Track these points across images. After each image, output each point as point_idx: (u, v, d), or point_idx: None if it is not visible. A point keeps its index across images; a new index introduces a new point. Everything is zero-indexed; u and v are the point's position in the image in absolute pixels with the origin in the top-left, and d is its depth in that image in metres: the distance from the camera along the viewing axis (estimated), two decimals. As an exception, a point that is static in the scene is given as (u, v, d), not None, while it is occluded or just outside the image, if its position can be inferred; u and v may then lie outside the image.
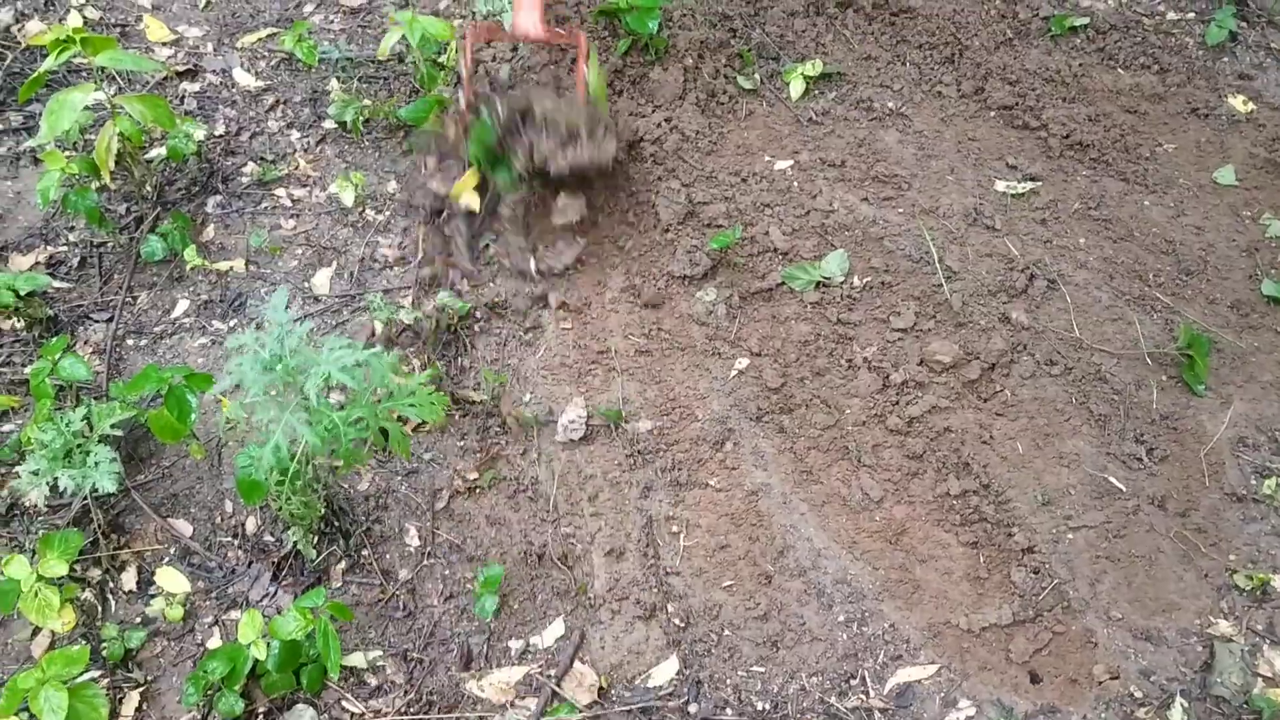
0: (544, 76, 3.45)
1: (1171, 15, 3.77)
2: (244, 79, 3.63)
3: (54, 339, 2.76)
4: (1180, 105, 3.54)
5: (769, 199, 3.28)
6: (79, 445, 2.50)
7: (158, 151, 3.28)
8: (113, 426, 2.56)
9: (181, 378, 2.53)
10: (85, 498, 2.66)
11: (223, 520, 2.71)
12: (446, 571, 2.64)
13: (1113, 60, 3.64)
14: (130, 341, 3.04)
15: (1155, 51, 3.65)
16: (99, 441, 2.53)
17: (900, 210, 3.27)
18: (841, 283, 3.11)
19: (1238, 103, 3.53)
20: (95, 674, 2.45)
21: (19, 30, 3.69)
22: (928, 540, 2.69)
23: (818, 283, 3.11)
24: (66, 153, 3.18)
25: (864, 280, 3.13)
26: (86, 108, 2.93)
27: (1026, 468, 2.80)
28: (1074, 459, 2.81)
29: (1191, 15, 3.77)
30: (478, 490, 2.76)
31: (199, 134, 3.30)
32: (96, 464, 2.47)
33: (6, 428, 2.85)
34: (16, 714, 2.32)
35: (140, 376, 2.55)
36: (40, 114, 3.43)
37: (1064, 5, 3.76)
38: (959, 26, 3.67)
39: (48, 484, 2.43)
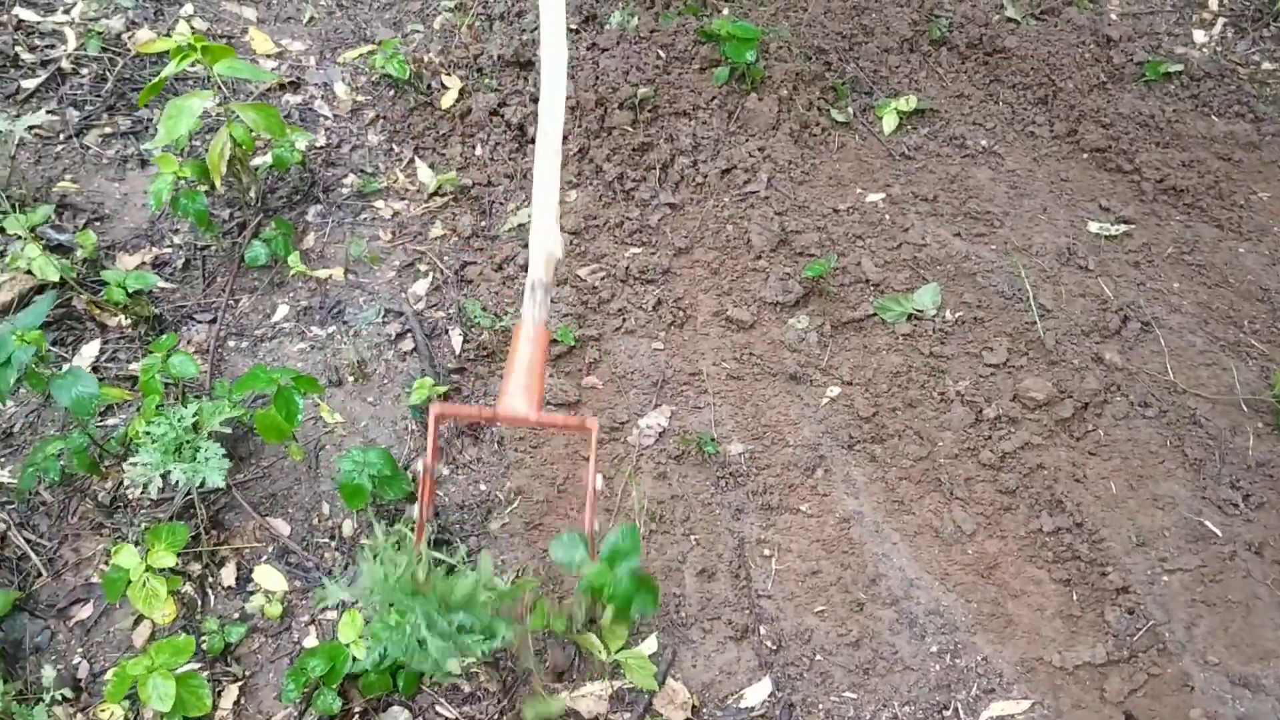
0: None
1: (1267, 65, 3.78)
2: (344, 92, 3.71)
3: (163, 336, 2.82)
4: (1275, 154, 3.53)
5: (861, 230, 3.31)
6: (188, 441, 2.55)
7: (262, 160, 3.35)
8: (221, 424, 2.61)
9: (290, 379, 2.58)
10: (189, 493, 2.71)
11: (320, 522, 2.75)
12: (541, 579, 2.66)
13: (1207, 107, 3.65)
14: (231, 343, 3.10)
15: (1249, 100, 3.65)
16: (207, 438, 2.59)
17: (993, 247, 3.28)
18: (934, 316, 3.13)
19: (1333, 151, 3.54)
20: (194, 666, 2.48)
21: (129, 38, 3.80)
22: (1020, 575, 2.68)
23: (910, 315, 3.12)
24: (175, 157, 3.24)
25: (956, 314, 3.14)
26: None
27: (1120, 508, 2.79)
28: (1168, 501, 2.80)
29: (1286, 66, 3.79)
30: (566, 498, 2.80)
31: (303, 143, 3.38)
32: (206, 459, 2.52)
33: (110, 421, 2.92)
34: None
35: (249, 376, 2.60)
36: (148, 119, 3.55)
37: (1158, 52, 3.77)
38: (1053, 68, 3.69)
39: (160, 476, 2.48)
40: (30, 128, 3.19)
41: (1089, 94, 3.65)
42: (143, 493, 2.70)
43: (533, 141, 3.14)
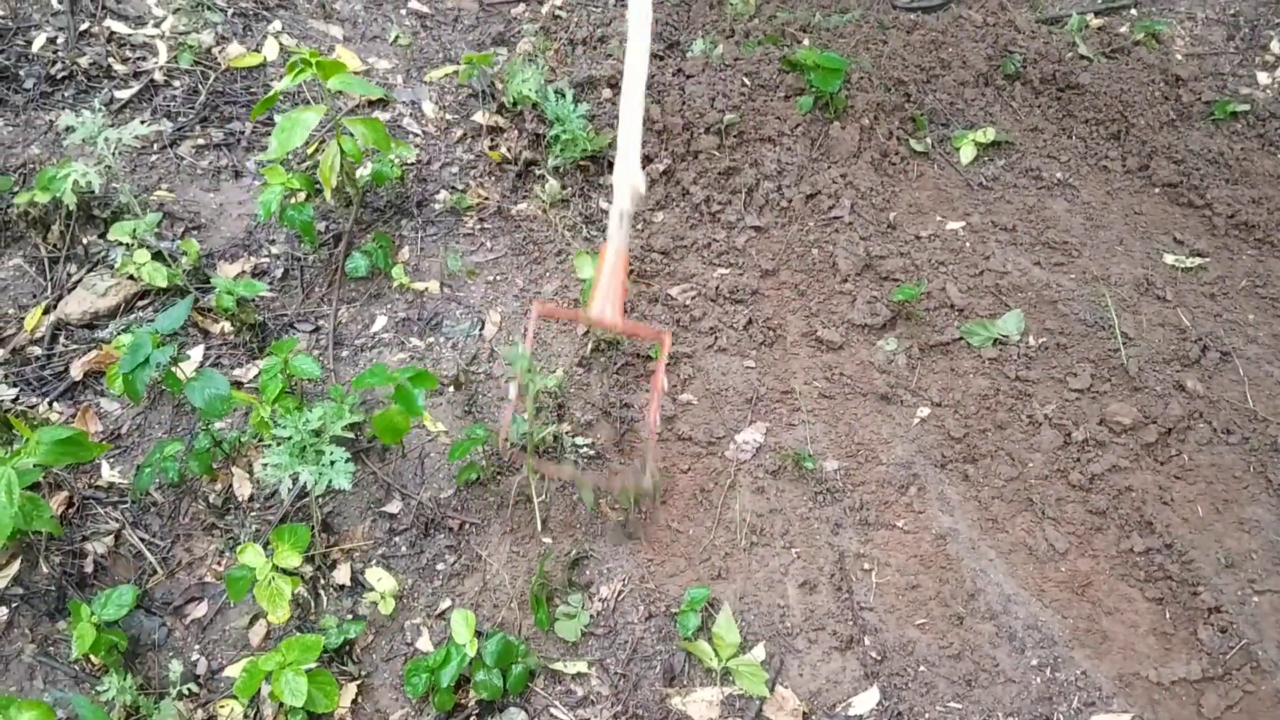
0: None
1: (1329, 106, 3.89)
2: (432, 111, 3.79)
3: (283, 339, 2.88)
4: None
5: (943, 257, 3.39)
6: (312, 444, 2.62)
7: (361, 173, 3.43)
8: (344, 429, 2.68)
9: (408, 377, 2.64)
10: (302, 495, 2.77)
11: (427, 520, 2.81)
12: (646, 588, 2.72)
13: (1273, 146, 3.75)
14: (333, 352, 3.17)
15: (1313, 140, 3.76)
16: (330, 442, 2.65)
17: (1072, 276, 3.37)
18: (1018, 341, 3.21)
19: (1395, 194, 3.63)
20: (312, 665, 2.53)
21: (219, 52, 3.88)
22: (1113, 594, 2.75)
23: (995, 340, 3.20)
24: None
25: (1039, 340, 3.22)
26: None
27: (1208, 530, 2.86)
28: (1254, 525, 2.87)
29: (1348, 107, 3.89)
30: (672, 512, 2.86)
31: (408, 158, 3.46)
32: (332, 462, 2.58)
33: (217, 426, 2.97)
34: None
35: (370, 373, 2.67)
36: (240, 132, 3.63)
37: (1224, 91, 3.88)
38: (1124, 105, 3.79)
39: (290, 478, 2.54)
40: (136, 136, 3.26)
41: (1160, 131, 3.75)
42: (268, 499, 2.76)
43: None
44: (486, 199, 3.51)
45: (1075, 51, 3.96)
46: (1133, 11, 4.18)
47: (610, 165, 3.35)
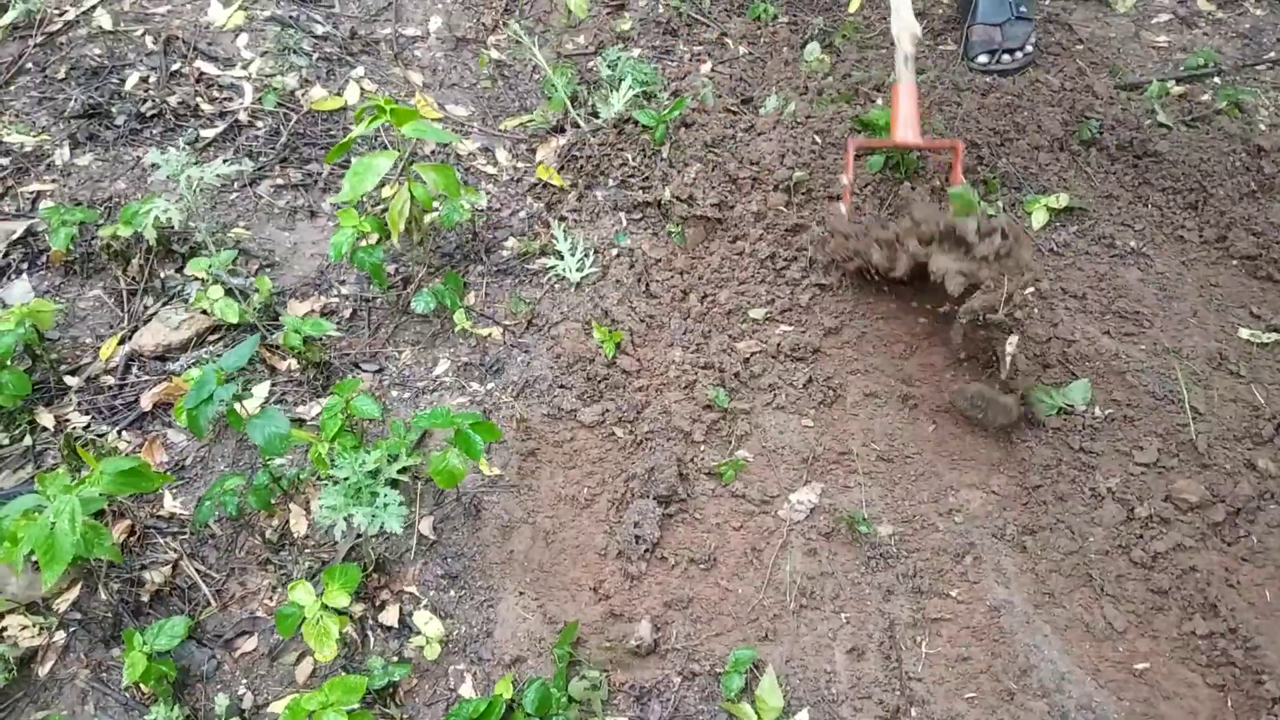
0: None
1: None
2: (505, 158, 3.85)
3: (346, 379, 2.93)
4: None
5: (1010, 323, 3.34)
6: (367, 485, 2.65)
7: (430, 218, 3.48)
8: (400, 472, 2.71)
9: (470, 423, 2.67)
10: (358, 535, 2.81)
11: (477, 565, 2.83)
12: (685, 643, 2.70)
13: (1357, 223, 3.65)
14: (394, 393, 3.21)
15: (1402, 217, 3.65)
16: (385, 484, 2.68)
17: (1142, 347, 3.31)
18: (1084, 411, 3.15)
19: None
20: (355, 706, 2.54)
21: (302, 94, 3.98)
22: (1172, 677, 2.67)
23: (1060, 409, 3.15)
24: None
25: (1105, 412, 3.16)
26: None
27: (1275, 616, 2.77)
28: (1326, 615, 2.78)
29: None
30: (718, 569, 2.84)
31: (471, 203, 3.51)
32: (386, 505, 2.61)
33: (276, 462, 3.02)
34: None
35: (432, 414, 2.70)
36: (318, 173, 3.72)
37: (1308, 164, 3.80)
38: (1203, 175, 3.72)
39: (344, 519, 2.58)
40: (217, 175, 3.35)
41: (1239, 201, 3.68)
42: (322, 537, 2.80)
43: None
44: (552, 245, 3.54)
45: (1154, 119, 3.91)
46: (1216, 80, 4.11)
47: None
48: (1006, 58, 4.17)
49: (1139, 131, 3.83)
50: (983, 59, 4.20)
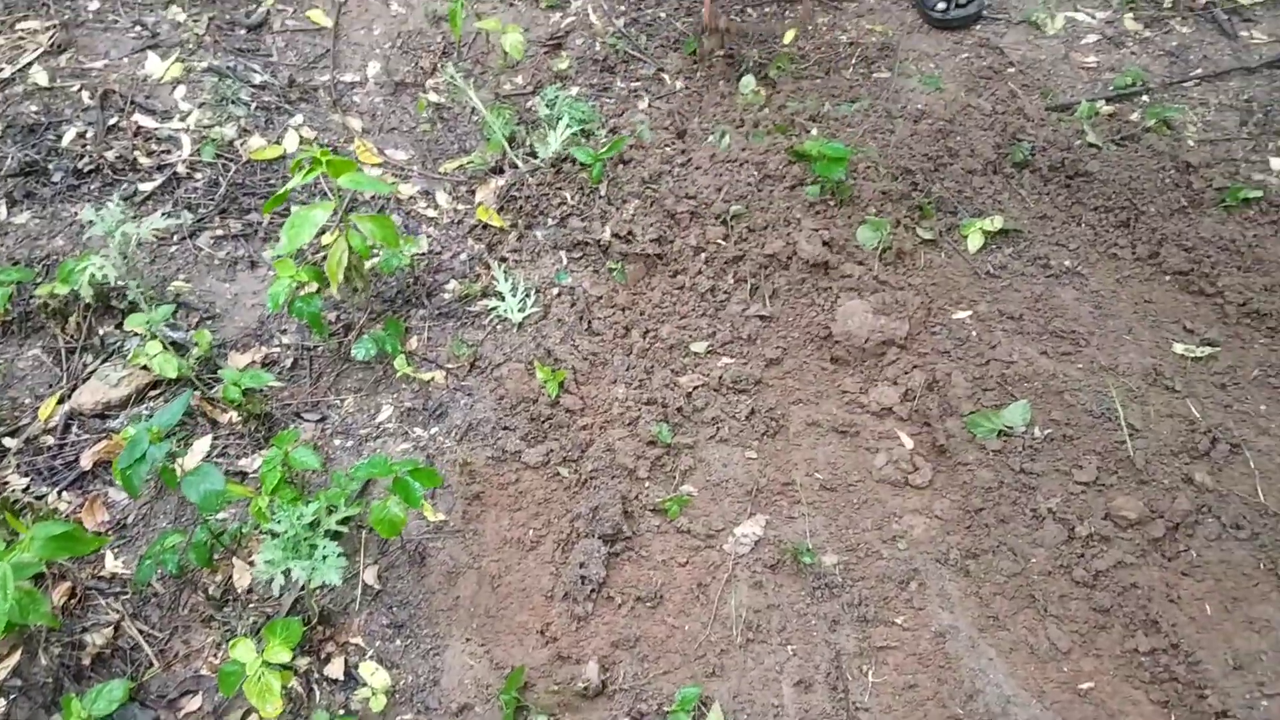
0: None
1: (1344, 193, 3.85)
2: (445, 201, 3.86)
3: (285, 430, 2.92)
4: (1357, 281, 3.58)
5: (948, 347, 3.38)
6: (306, 538, 2.64)
7: (370, 264, 3.49)
8: (342, 522, 2.70)
9: (408, 470, 2.67)
10: (301, 588, 2.79)
11: (423, 613, 2.82)
12: (632, 683, 2.70)
13: (1286, 233, 3.71)
14: (337, 442, 3.21)
15: (1329, 227, 3.72)
16: (324, 535, 2.67)
17: (1079, 366, 3.34)
18: (1023, 433, 3.18)
19: None
20: (302, 761, 2.53)
21: (241, 144, 3.98)
22: (1116, 695, 2.69)
23: (1000, 431, 3.18)
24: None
25: (1045, 432, 3.19)
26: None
27: (1216, 629, 2.79)
28: (1264, 625, 2.80)
29: (1364, 194, 3.85)
30: (663, 609, 2.85)
31: (410, 250, 3.52)
32: (324, 557, 2.60)
33: (220, 516, 3.01)
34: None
35: (370, 463, 2.70)
36: (258, 223, 3.72)
37: (1236, 178, 3.85)
38: (1134, 193, 3.78)
39: (282, 574, 2.56)
40: (154, 230, 3.35)
41: (1170, 218, 3.73)
42: (266, 590, 2.78)
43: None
44: (492, 286, 3.55)
45: (1084, 139, 3.96)
46: (1144, 98, 4.18)
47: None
48: (962, 1, 4.47)
49: (1070, 152, 3.89)
50: (941, 6, 4.47)
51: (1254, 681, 2.70)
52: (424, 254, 3.67)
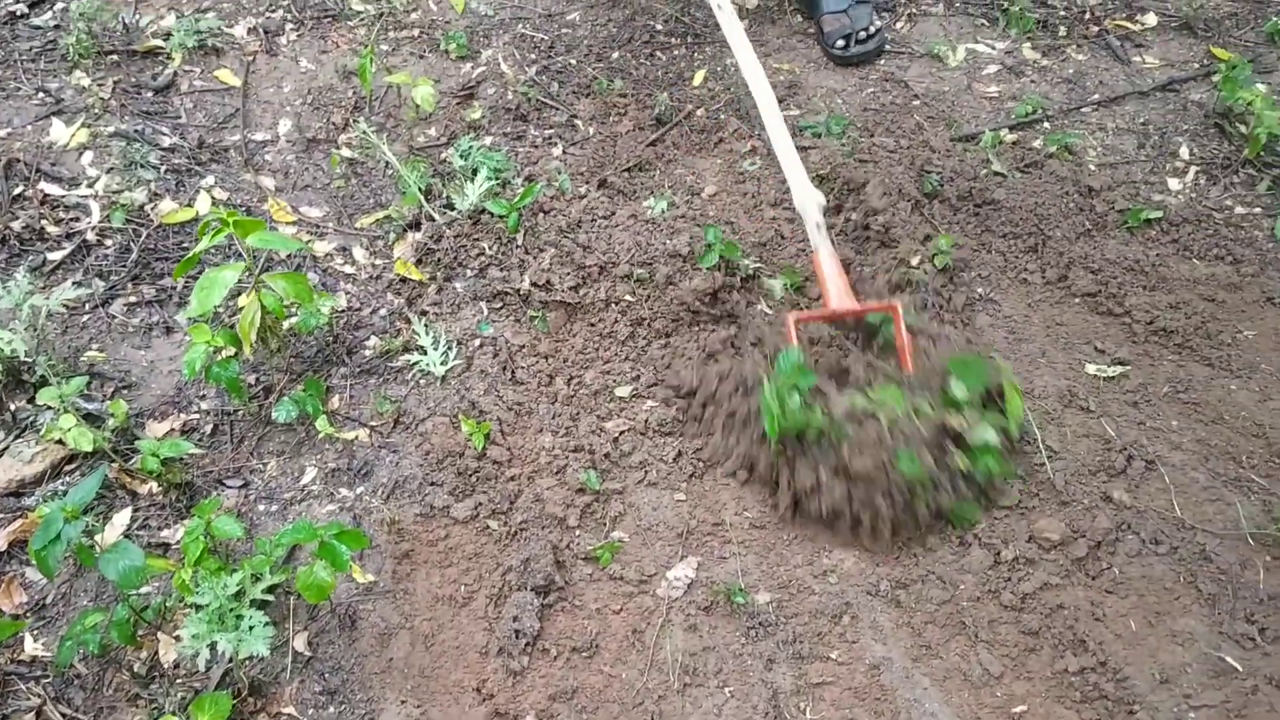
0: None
1: (1240, 210, 3.98)
2: (363, 256, 3.84)
3: (206, 500, 2.87)
4: (1255, 294, 3.70)
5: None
6: (232, 609, 2.59)
7: (288, 324, 3.45)
8: (268, 590, 2.66)
9: (333, 533, 2.64)
10: (229, 660, 2.74)
11: (356, 679, 2.78)
12: (578, 740, 2.69)
13: (1188, 251, 3.83)
14: (261, 507, 3.16)
15: (1227, 243, 3.84)
16: (250, 605, 2.63)
17: (997, 391, 3.41)
18: (946, 460, 3.23)
19: (1310, 292, 3.71)
20: (236, 839, 2.48)
21: (152, 209, 3.93)
22: (1050, 716, 2.72)
23: (923, 460, 3.23)
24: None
25: (967, 458, 3.24)
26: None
27: (1141, 645, 2.85)
28: (1188, 638, 2.87)
29: (1258, 210, 3.98)
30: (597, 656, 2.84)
31: (327, 308, 3.49)
32: (251, 628, 2.56)
33: (143, 590, 2.95)
34: None
35: (294, 529, 2.66)
36: (172, 287, 3.67)
37: (1137, 199, 3.97)
38: (1040, 218, 3.88)
39: (207, 647, 2.51)
40: (63, 301, 3.29)
41: (1076, 241, 3.83)
42: (192, 665, 2.72)
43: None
44: (414, 340, 3.54)
45: (990, 168, 4.06)
46: (1045, 125, 4.30)
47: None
48: (862, 35, 4.54)
49: (976, 181, 3.98)
50: (841, 44, 4.55)
51: (1180, 694, 2.76)
52: (343, 311, 3.65)
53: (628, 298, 3.58)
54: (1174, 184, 4.07)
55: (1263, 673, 2.80)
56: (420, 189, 3.88)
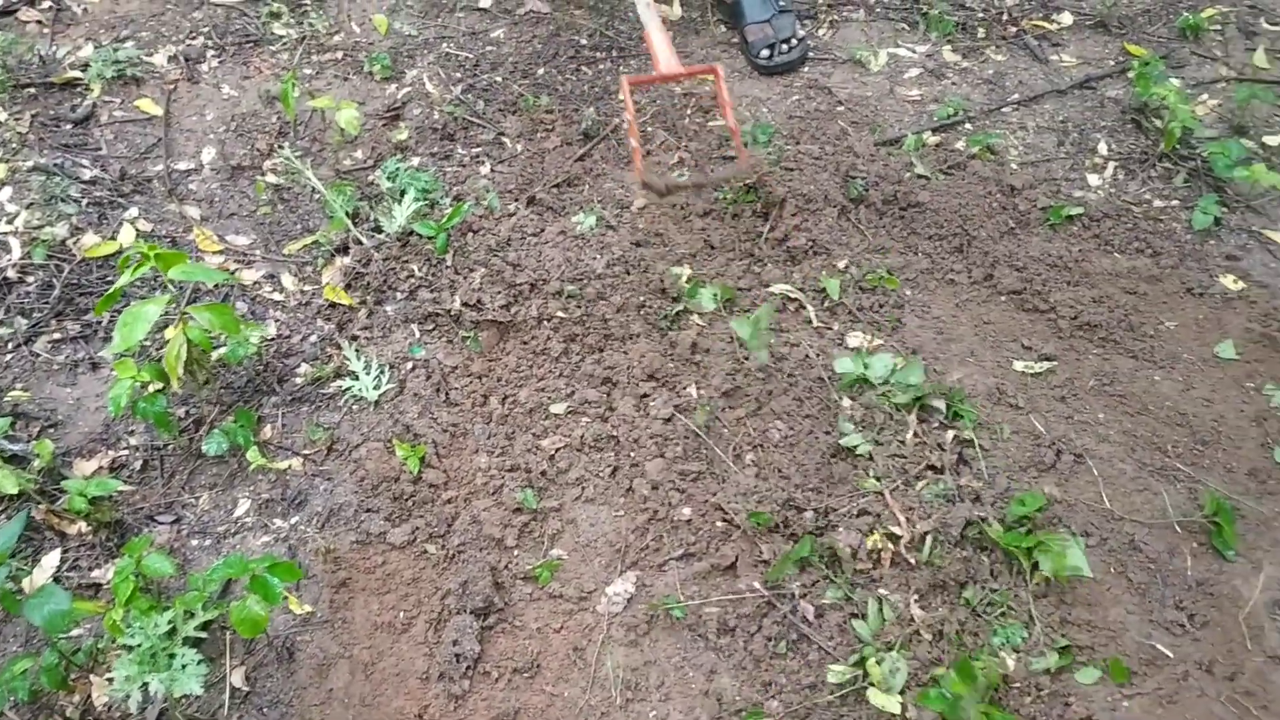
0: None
1: (1158, 203, 4.06)
2: (291, 283, 3.81)
3: (135, 538, 2.84)
4: (1176, 286, 3.77)
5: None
6: (164, 648, 2.56)
7: (217, 354, 3.42)
8: (196, 628, 2.63)
9: (265, 566, 2.62)
10: (164, 700, 2.70)
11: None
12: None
13: (1109, 245, 3.89)
14: (195, 542, 3.12)
15: (1147, 236, 3.91)
16: (183, 643, 2.60)
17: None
18: (879, 463, 3.26)
19: (1228, 281, 3.78)
20: None
21: (74, 243, 3.87)
22: (989, 714, 2.76)
23: (856, 464, 3.26)
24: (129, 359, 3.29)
25: (900, 460, 3.28)
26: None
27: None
28: (1119, 626, 2.92)
29: (1176, 203, 4.06)
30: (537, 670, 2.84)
31: (255, 337, 3.46)
32: (184, 666, 2.52)
33: (75, 632, 2.91)
34: None
35: (225, 564, 2.63)
36: (97, 323, 3.62)
37: (1058, 196, 4.04)
38: (964, 219, 3.93)
39: (139, 689, 2.48)
40: (-17, 342, 3.24)
41: (1000, 240, 3.89)
42: (124, 708, 2.68)
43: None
44: (345, 366, 3.51)
45: (913, 171, 4.11)
46: (967, 126, 4.36)
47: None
48: (784, 47, 4.58)
49: (901, 184, 4.02)
50: (765, 54, 4.58)
51: (1114, 684, 2.80)
52: (273, 339, 3.61)
53: (560, 314, 3.58)
54: (1093, 180, 4.14)
55: (1193, 658, 2.86)
56: (347, 213, 3.86)
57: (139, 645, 2.52)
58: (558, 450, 3.32)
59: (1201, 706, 2.77)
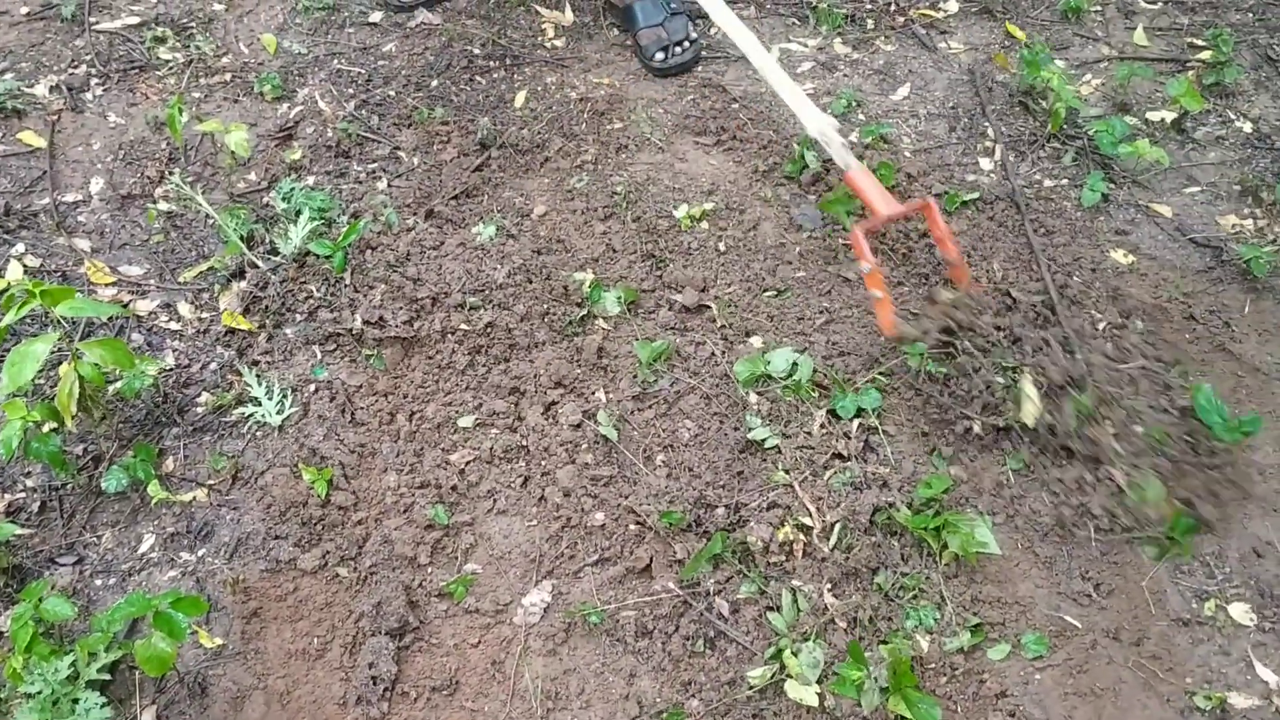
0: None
1: (1048, 183, 4.14)
2: (188, 311, 3.74)
3: (32, 584, 2.76)
4: (1068, 261, 3.85)
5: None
6: (66, 694, 2.50)
7: (113, 388, 3.34)
8: (99, 670, 2.57)
9: (168, 602, 2.57)
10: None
11: (212, 754, 2.71)
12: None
13: (1005, 227, 3.95)
14: (99, 581, 3.05)
15: (1039, 216, 3.98)
16: (86, 687, 2.54)
17: (833, 382, 3.48)
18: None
19: (1119, 255, 3.87)
20: None
21: (-41, 283, 3.77)
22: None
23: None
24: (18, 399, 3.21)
25: (809, 451, 3.31)
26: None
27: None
28: (1029, 601, 2.97)
29: (1065, 181, 4.14)
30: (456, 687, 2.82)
31: (152, 370, 3.39)
32: (87, 711, 2.47)
33: (-23, 684, 2.83)
34: None
35: (126, 602, 2.59)
36: (-13, 364, 3.51)
37: (953, 182, 4.10)
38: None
39: (41, 737, 2.42)
40: None
41: (901, 227, 3.94)
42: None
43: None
44: (247, 392, 3.46)
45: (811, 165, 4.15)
46: (861, 117, 4.41)
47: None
48: (678, 49, 4.59)
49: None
50: (659, 56, 4.59)
51: (1027, 658, 2.85)
52: (171, 369, 3.54)
53: (463, 326, 3.55)
54: (985, 164, 4.21)
55: (1100, 627, 2.92)
56: (242, 236, 3.80)
57: (39, 693, 2.46)
58: (468, 464, 3.30)
59: (1110, 673, 2.83)
